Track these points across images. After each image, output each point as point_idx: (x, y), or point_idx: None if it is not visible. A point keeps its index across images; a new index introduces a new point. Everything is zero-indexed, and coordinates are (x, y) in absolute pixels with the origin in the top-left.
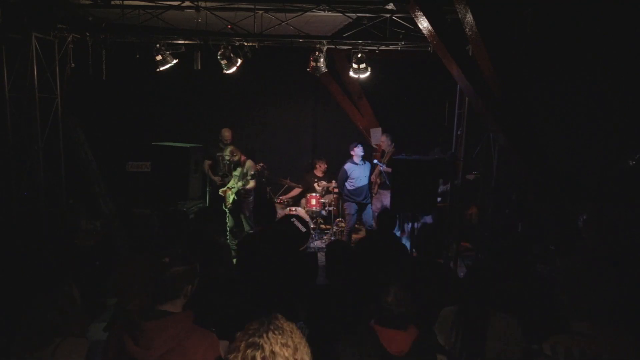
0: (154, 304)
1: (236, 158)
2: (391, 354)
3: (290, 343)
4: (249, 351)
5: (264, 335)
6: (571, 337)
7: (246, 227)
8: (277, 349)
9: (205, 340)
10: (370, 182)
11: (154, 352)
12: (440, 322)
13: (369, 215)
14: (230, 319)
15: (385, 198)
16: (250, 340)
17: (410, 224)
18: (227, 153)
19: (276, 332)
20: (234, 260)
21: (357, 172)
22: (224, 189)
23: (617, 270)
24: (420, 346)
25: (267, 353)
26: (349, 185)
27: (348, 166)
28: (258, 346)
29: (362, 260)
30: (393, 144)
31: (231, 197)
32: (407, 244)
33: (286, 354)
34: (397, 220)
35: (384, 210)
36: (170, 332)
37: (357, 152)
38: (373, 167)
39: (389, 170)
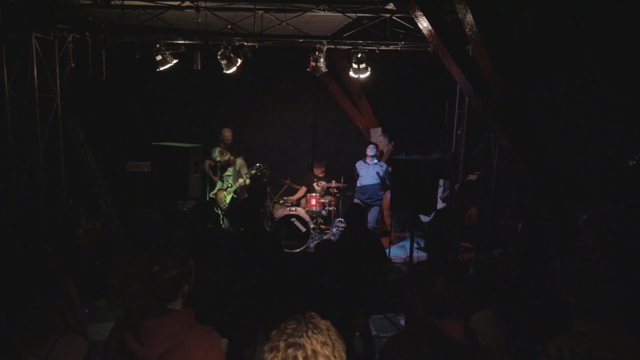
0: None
1: (226, 158)
2: (460, 344)
3: (329, 341)
4: (290, 351)
5: (304, 334)
6: (575, 338)
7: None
8: (318, 347)
9: (207, 338)
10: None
11: (156, 350)
12: (479, 327)
13: (373, 217)
14: (229, 318)
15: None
16: (291, 340)
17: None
18: (216, 154)
19: (315, 330)
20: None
21: (364, 171)
22: (215, 191)
23: (617, 270)
24: (470, 332)
25: (309, 352)
26: (357, 183)
27: (357, 164)
28: (299, 346)
29: (344, 257)
30: (392, 143)
31: (228, 197)
32: (407, 245)
33: (327, 353)
34: (398, 221)
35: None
36: (172, 329)
37: (368, 151)
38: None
39: (389, 169)
